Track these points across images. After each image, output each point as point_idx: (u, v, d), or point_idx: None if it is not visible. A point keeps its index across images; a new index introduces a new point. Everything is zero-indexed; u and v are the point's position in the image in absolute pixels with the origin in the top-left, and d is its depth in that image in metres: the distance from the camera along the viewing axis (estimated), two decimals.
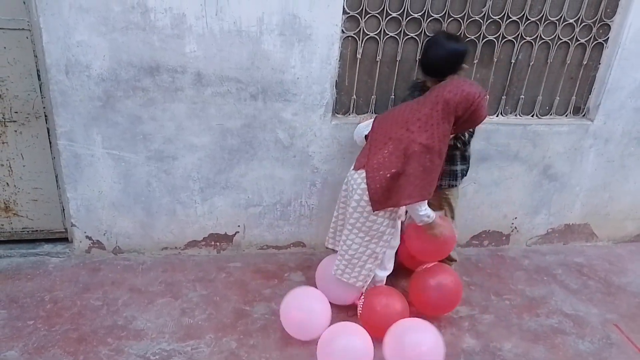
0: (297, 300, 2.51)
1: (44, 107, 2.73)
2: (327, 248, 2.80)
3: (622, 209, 3.54)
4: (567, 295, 3.07)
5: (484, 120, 2.38)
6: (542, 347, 2.67)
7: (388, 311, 2.50)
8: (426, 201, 2.42)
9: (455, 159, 2.72)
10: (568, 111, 3.21)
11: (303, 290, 2.58)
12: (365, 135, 2.53)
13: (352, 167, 2.51)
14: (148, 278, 2.93)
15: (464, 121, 2.30)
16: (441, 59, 2.49)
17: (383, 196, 2.37)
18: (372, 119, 2.54)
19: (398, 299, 2.57)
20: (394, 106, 2.79)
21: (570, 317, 2.90)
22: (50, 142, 2.81)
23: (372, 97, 2.94)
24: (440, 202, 2.80)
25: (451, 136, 2.42)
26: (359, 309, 2.62)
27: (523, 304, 2.89)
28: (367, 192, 2.39)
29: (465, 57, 2.52)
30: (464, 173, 2.80)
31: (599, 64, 3.09)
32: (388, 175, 2.33)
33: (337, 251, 2.67)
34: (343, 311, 2.70)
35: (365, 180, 2.39)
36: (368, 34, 2.76)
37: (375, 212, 2.41)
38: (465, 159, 2.78)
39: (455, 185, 2.79)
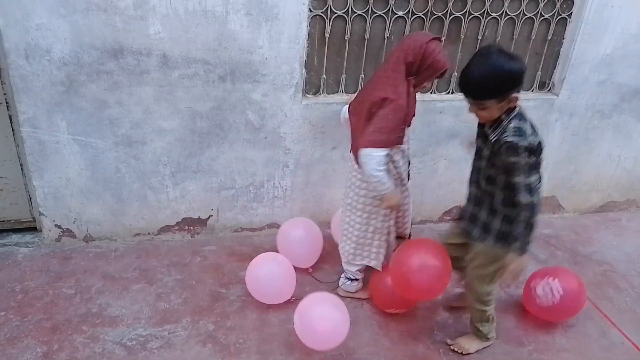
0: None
1: (4, 94, 2.64)
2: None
3: (587, 181, 3.64)
4: (536, 265, 3.15)
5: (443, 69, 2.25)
6: (512, 316, 2.76)
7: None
8: (381, 155, 2.26)
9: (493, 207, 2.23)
10: (534, 86, 3.26)
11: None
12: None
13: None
14: (121, 265, 2.90)
15: (425, 68, 2.24)
16: (483, 77, 1.92)
17: None
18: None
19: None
20: (364, 85, 2.78)
21: None
22: (12, 130, 2.72)
23: (342, 76, 2.93)
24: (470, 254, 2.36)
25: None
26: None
27: None
28: (358, 170, 2.43)
29: (520, 80, 1.94)
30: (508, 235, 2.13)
31: (563, 38, 3.14)
32: None
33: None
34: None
35: (354, 160, 2.44)
36: (336, 13, 2.73)
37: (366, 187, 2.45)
38: (512, 218, 2.11)
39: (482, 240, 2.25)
